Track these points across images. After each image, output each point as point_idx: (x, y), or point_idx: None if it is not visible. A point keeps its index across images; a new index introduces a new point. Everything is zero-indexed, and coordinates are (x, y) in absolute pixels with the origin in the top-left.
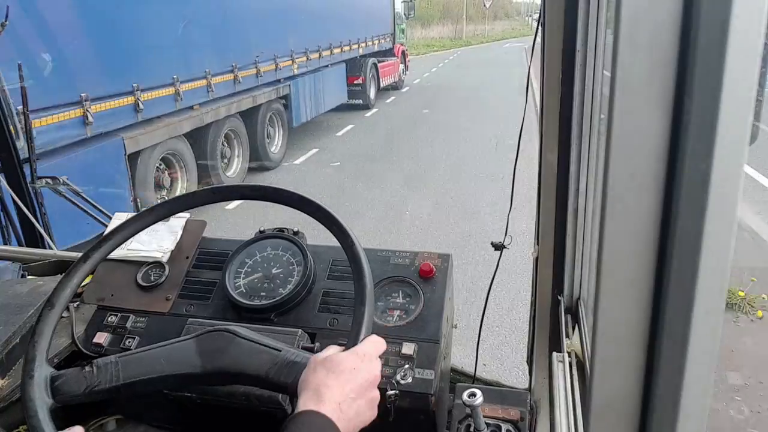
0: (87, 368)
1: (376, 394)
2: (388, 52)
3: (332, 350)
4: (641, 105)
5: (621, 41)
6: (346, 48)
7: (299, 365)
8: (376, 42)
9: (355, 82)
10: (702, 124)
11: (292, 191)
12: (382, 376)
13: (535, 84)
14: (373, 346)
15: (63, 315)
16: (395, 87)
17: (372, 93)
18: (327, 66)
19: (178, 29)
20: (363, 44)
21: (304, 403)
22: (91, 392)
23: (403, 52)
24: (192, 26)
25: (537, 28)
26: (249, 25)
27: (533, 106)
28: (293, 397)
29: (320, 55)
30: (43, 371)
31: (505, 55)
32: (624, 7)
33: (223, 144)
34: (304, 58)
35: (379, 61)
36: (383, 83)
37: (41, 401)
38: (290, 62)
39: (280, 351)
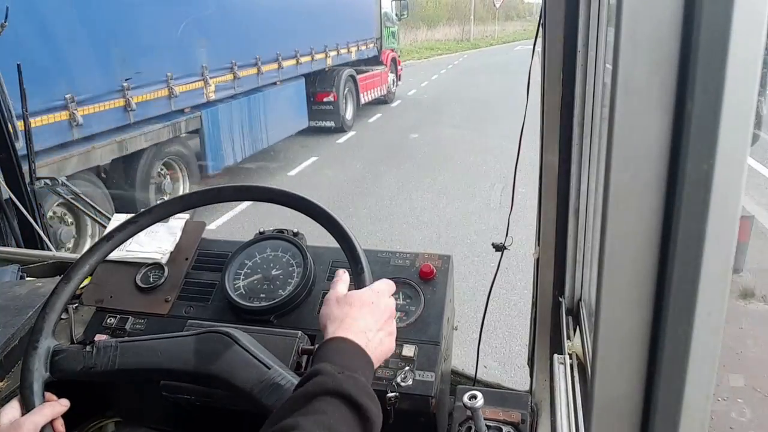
0: (88, 348)
1: (394, 327)
2: (373, 61)
3: (342, 287)
4: (643, 105)
5: (622, 41)
6: (306, 58)
7: (282, 389)
8: (354, 49)
9: (325, 99)
10: (704, 125)
11: (292, 191)
12: (383, 379)
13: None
14: (385, 284)
15: (62, 317)
16: (384, 101)
17: (349, 112)
18: (274, 84)
19: None
20: (334, 52)
21: (333, 332)
22: (87, 372)
23: (393, 60)
24: None
25: (538, 29)
26: (112, 29)
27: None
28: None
29: (259, 71)
30: (46, 343)
31: (515, 59)
32: (625, 7)
33: (63, 217)
34: (230, 77)
35: (359, 72)
36: (366, 98)
37: (38, 374)
38: (201, 83)
39: (269, 369)
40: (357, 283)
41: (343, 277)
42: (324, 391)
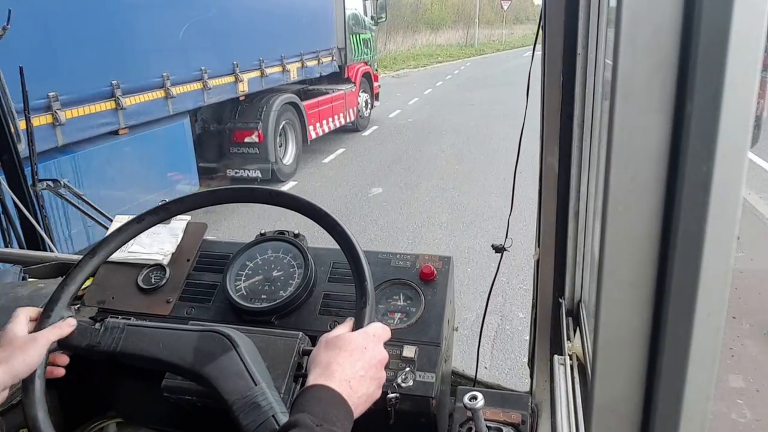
0: (96, 325)
1: (383, 374)
2: (336, 79)
3: (341, 329)
4: (642, 107)
5: (622, 43)
6: (194, 85)
7: (260, 411)
8: (296, 66)
9: (246, 140)
10: (703, 126)
11: (295, 195)
12: None
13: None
14: (380, 329)
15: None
16: (354, 128)
17: (289, 154)
18: (114, 134)
19: None
20: (255, 73)
21: (315, 378)
22: (90, 349)
23: (367, 75)
24: None
25: (538, 31)
26: None
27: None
28: None
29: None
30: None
31: (524, 68)
32: (625, 9)
33: None
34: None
35: (306, 97)
36: (319, 131)
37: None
38: None
39: (256, 385)
40: (356, 317)
41: (347, 324)
42: None
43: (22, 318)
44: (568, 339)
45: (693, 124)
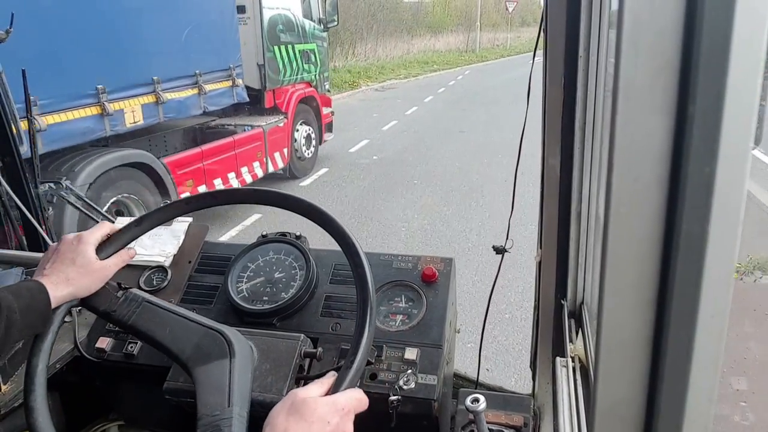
0: (120, 293)
1: None
2: (248, 110)
3: (314, 390)
4: (645, 109)
5: (624, 45)
6: None
7: None
8: (136, 104)
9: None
10: (705, 128)
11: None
12: (385, 382)
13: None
14: (354, 401)
15: (66, 320)
16: (288, 176)
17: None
18: None
19: None
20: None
21: None
22: (106, 315)
23: (309, 101)
24: None
25: (539, 34)
26: None
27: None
28: None
29: None
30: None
31: (528, 77)
32: (626, 11)
33: None
34: None
35: (187, 145)
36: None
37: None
38: None
39: (228, 407)
40: (338, 377)
41: (325, 381)
42: None
43: (98, 236)
44: (570, 341)
45: (695, 126)
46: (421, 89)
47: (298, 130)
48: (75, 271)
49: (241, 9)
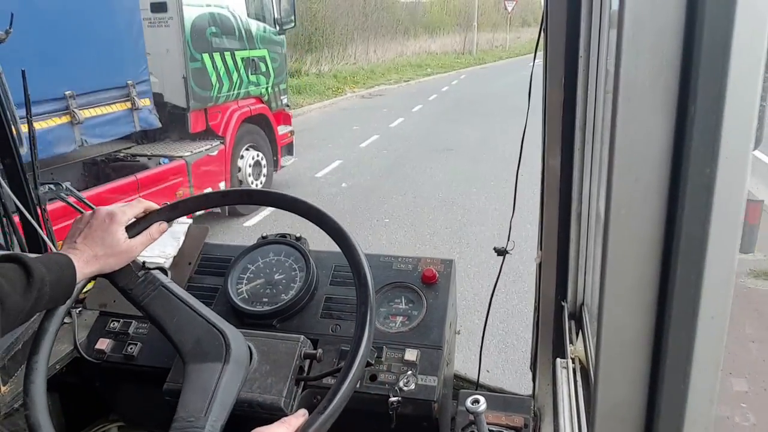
0: (141, 273)
1: None
2: (177, 135)
3: (280, 429)
4: (645, 109)
5: (624, 46)
6: None
7: None
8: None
9: None
10: (706, 129)
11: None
12: (385, 383)
13: None
14: None
15: (65, 321)
16: (229, 213)
17: None
18: None
19: None
20: None
21: None
22: (123, 291)
23: (260, 121)
24: None
25: (540, 34)
26: None
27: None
28: None
29: None
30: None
31: (527, 80)
32: (627, 11)
33: None
34: None
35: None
36: None
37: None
38: None
39: (204, 416)
40: (308, 421)
41: (293, 421)
42: None
43: (130, 216)
44: (571, 342)
45: (696, 127)
46: (411, 96)
47: (243, 157)
48: (103, 250)
49: (159, 6)
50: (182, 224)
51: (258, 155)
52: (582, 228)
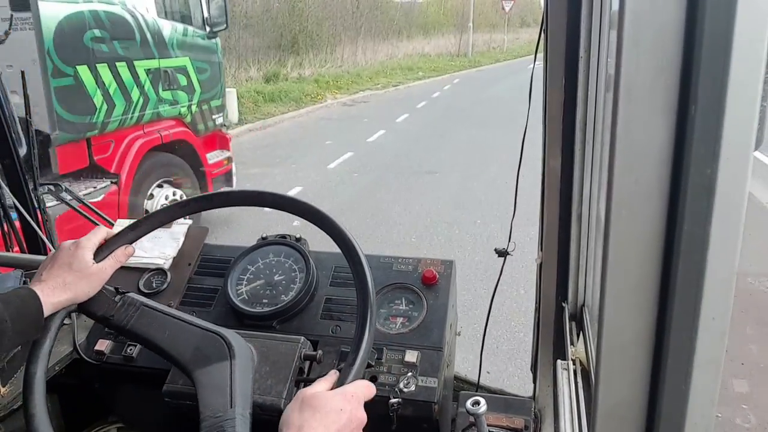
0: (117, 298)
1: None
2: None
3: (321, 386)
4: (646, 109)
5: (624, 46)
6: None
7: None
8: None
9: None
10: (707, 129)
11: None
12: (385, 385)
13: None
14: (363, 389)
15: (65, 322)
16: None
17: None
18: None
19: None
20: None
21: None
22: (104, 320)
23: (179, 149)
24: None
25: (540, 34)
26: None
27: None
28: None
29: None
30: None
31: (527, 86)
32: (627, 11)
33: None
34: None
35: None
36: None
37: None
38: None
39: (231, 408)
40: (342, 373)
41: (329, 378)
42: None
43: (95, 242)
44: (572, 343)
45: (697, 127)
46: (397, 103)
47: (152, 197)
48: (72, 275)
49: (21, 4)
50: (182, 225)
51: (175, 193)
52: (582, 229)
